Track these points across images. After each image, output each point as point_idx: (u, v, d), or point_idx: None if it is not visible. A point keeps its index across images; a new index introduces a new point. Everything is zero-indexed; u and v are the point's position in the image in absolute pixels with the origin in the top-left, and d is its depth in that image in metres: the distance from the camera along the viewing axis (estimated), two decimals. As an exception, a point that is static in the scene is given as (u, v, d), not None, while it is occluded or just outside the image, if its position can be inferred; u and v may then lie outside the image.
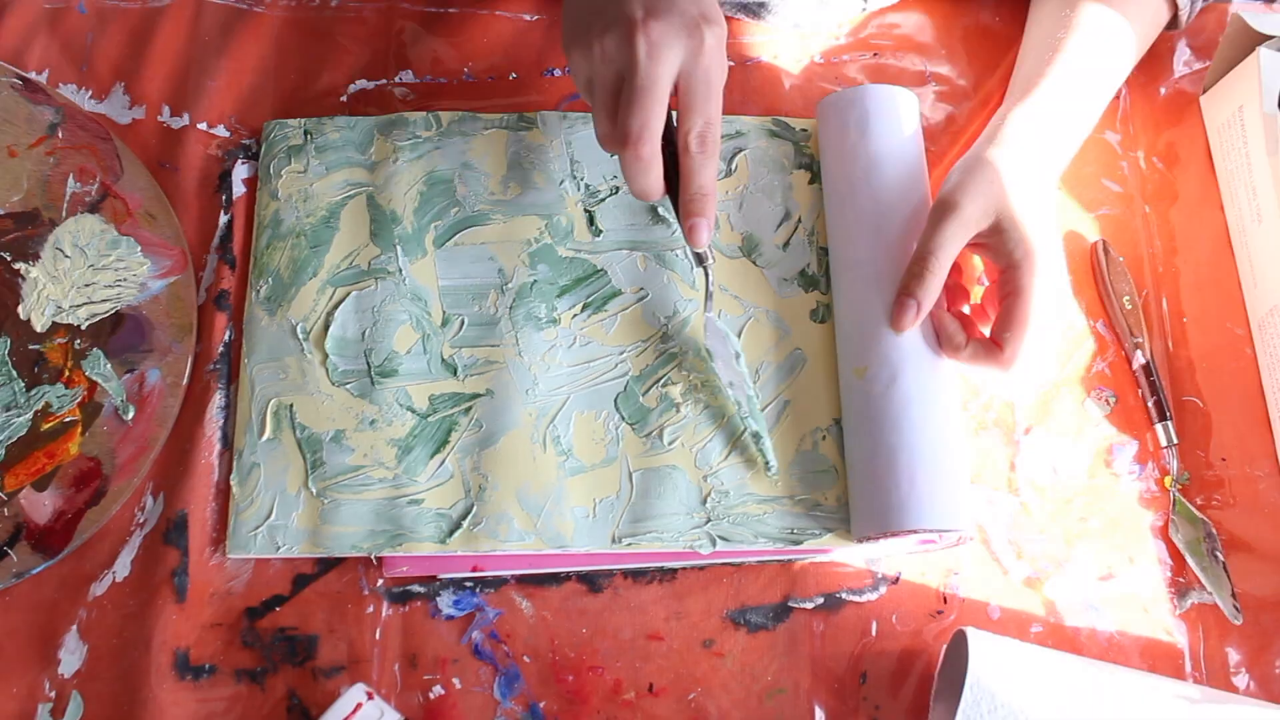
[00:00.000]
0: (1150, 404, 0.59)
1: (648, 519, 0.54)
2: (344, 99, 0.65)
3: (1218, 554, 0.56)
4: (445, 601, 0.54)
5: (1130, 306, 0.60)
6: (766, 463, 0.55)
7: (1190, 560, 0.56)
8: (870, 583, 0.56)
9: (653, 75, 0.48)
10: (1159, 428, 0.58)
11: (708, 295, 0.56)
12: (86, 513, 0.55)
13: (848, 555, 0.55)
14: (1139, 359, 0.59)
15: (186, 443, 0.56)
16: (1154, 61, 0.66)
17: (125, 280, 0.59)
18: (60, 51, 0.65)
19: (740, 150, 0.63)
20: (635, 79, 0.48)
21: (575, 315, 0.58)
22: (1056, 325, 0.59)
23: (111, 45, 0.66)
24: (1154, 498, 0.58)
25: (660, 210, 0.60)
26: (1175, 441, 0.58)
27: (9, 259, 0.59)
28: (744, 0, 0.65)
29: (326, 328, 0.58)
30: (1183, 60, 0.67)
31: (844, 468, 0.55)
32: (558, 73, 0.66)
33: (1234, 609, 0.55)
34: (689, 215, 0.52)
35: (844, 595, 0.55)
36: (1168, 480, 0.58)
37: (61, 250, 0.59)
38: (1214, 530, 0.56)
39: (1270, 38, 0.60)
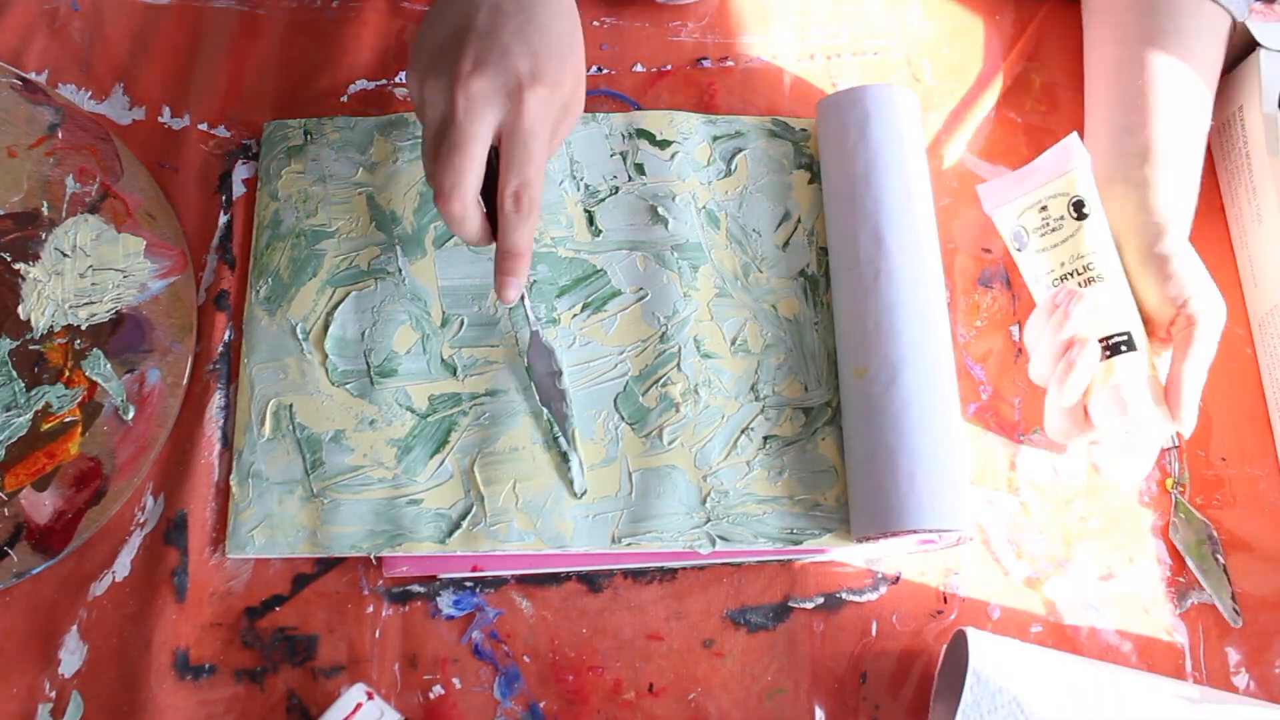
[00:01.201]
0: None
1: (647, 519, 0.54)
2: (344, 99, 0.65)
3: (1218, 556, 0.56)
4: (445, 601, 0.54)
5: None
6: (572, 483, 0.55)
7: (1190, 562, 0.56)
8: (870, 583, 0.56)
9: (467, 133, 0.48)
10: None
11: (531, 315, 0.56)
12: (86, 513, 0.55)
13: (848, 555, 0.55)
14: None
15: (186, 443, 0.56)
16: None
17: (125, 280, 0.59)
18: (60, 51, 0.65)
19: (740, 150, 0.63)
20: (450, 133, 0.48)
21: (575, 315, 0.58)
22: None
23: (112, 46, 0.66)
24: (1154, 498, 0.58)
25: (660, 210, 0.60)
26: (1178, 443, 0.58)
27: (9, 259, 0.59)
28: None
29: (326, 328, 0.58)
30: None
31: (844, 468, 0.55)
32: (558, 73, 0.66)
33: (1233, 612, 0.55)
34: (499, 272, 0.52)
35: (844, 595, 0.55)
36: (1169, 482, 0.58)
37: (61, 250, 0.59)
38: (1215, 533, 0.56)
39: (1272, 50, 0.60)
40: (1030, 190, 0.57)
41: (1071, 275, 0.55)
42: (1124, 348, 0.53)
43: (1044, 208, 0.56)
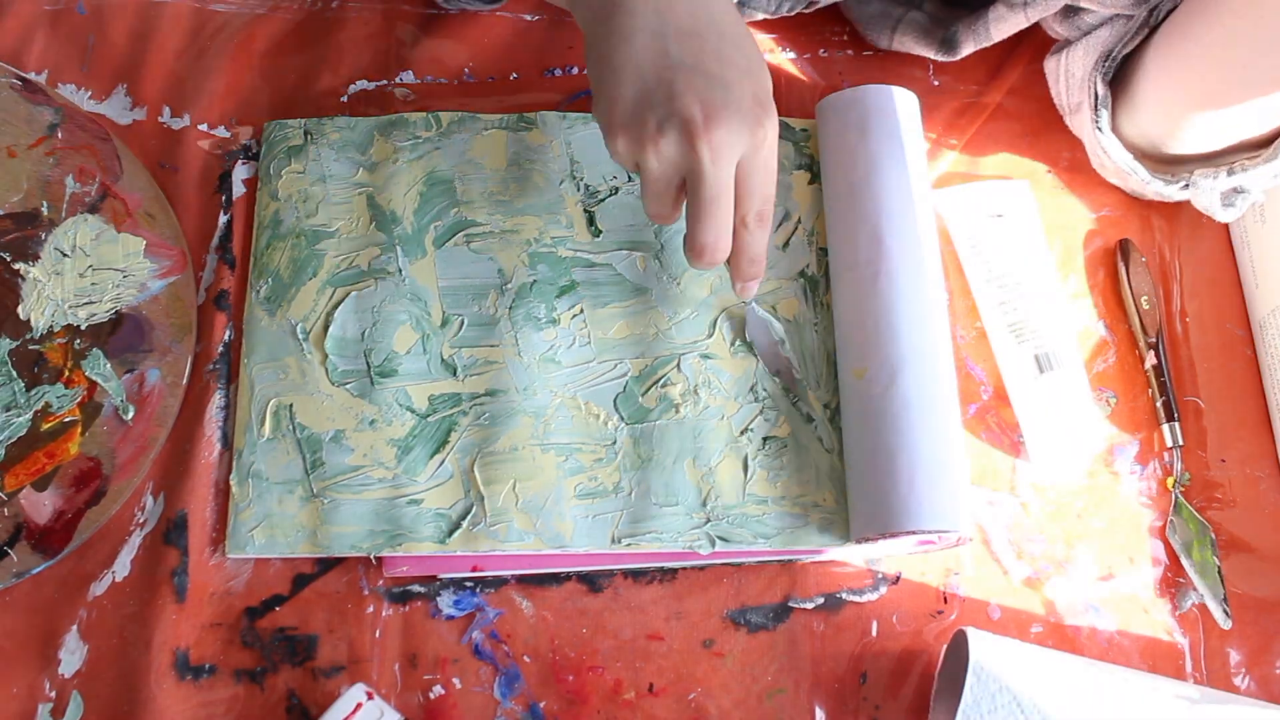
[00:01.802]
0: (1159, 404, 0.59)
1: (647, 519, 0.54)
2: (344, 99, 0.65)
3: (1214, 557, 0.56)
4: (445, 601, 0.54)
5: (1148, 307, 0.60)
6: (821, 440, 0.55)
7: (1185, 562, 0.56)
8: (870, 583, 0.56)
9: (721, 184, 0.47)
10: (1166, 428, 0.58)
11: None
12: (86, 513, 0.55)
13: (847, 555, 0.55)
14: (1150, 359, 0.59)
15: (186, 443, 0.56)
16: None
17: (125, 280, 0.59)
18: (60, 52, 0.65)
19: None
20: (702, 189, 0.46)
21: (575, 315, 0.58)
22: None
23: (112, 46, 0.66)
24: (1154, 498, 0.58)
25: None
26: (1181, 443, 0.58)
27: (9, 259, 0.59)
28: None
29: (326, 328, 0.58)
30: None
31: (843, 468, 0.55)
32: (558, 73, 0.66)
33: (1224, 614, 0.55)
34: (743, 278, 0.52)
35: (844, 595, 0.55)
36: (1170, 481, 0.58)
37: (61, 250, 0.59)
38: (1213, 534, 0.56)
39: None
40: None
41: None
42: None
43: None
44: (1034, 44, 0.67)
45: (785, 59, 0.67)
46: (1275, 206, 0.59)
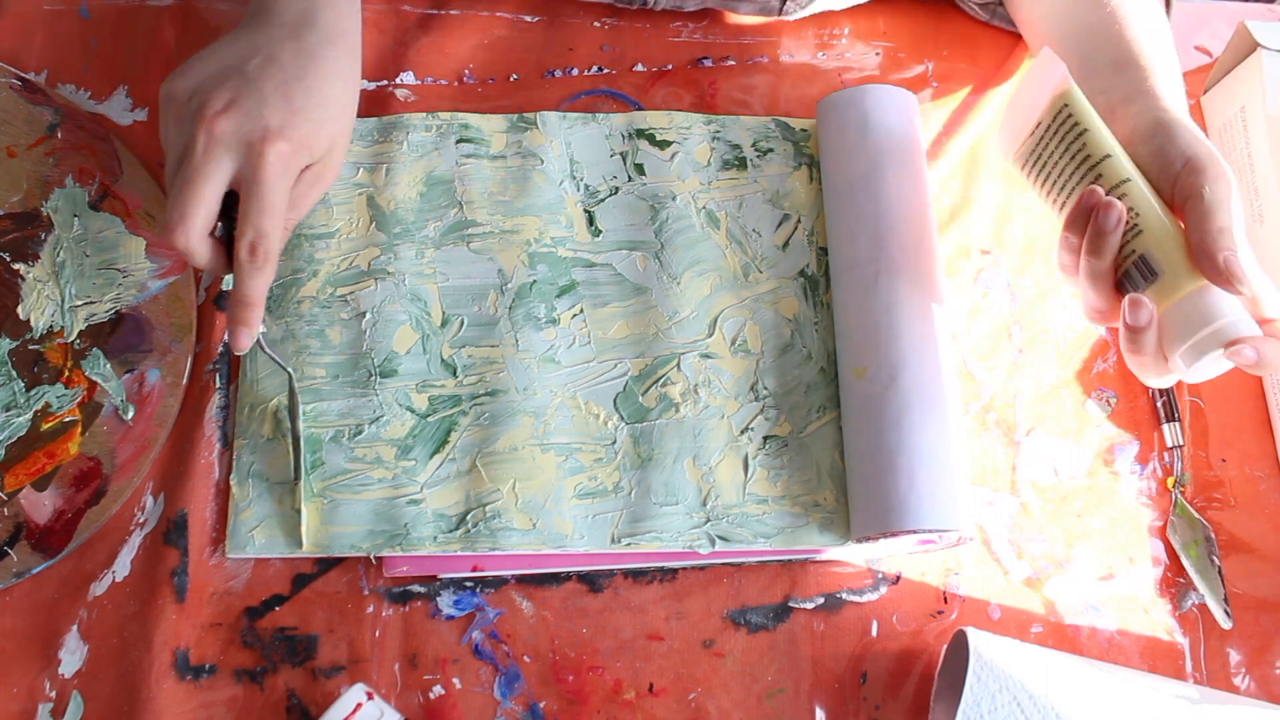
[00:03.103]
0: (1159, 404, 0.59)
1: (647, 519, 0.54)
2: (344, 99, 0.65)
3: (1214, 557, 0.56)
4: (445, 601, 0.54)
5: None
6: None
7: (1185, 562, 0.56)
8: (870, 583, 0.56)
9: (202, 171, 0.48)
10: (1166, 428, 0.58)
11: (279, 359, 0.56)
12: (86, 513, 0.55)
13: (847, 555, 0.55)
14: None
15: (186, 443, 0.56)
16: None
17: (125, 280, 0.59)
18: (60, 51, 0.65)
19: (740, 150, 0.63)
20: (186, 168, 0.49)
21: (575, 315, 0.58)
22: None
23: (113, 47, 0.66)
24: (1154, 498, 0.58)
25: (660, 210, 0.60)
26: (1182, 443, 0.58)
27: (9, 259, 0.59)
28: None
29: (327, 328, 0.58)
30: (1183, 61, 0.67)
31: (843, 468, 0.55)
32: (558, 73, 0.66)
33: (1225, 613, 0.55)
34: (230, 320, 0.52)
35: (844, 595, 0.55)
36: (1170, 481, 0.58)
37: (61, 250, 0.59)
38: (1212, 534, 0.56)
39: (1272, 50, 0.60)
40: (1035, 116, 0.53)
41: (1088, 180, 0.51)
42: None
43: (1045, 128, 0.53)
44: (1034, 44, 0.67)
45: (786, 59, 0.67)
46: (1275, 206, 0.59)
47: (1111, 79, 0.54)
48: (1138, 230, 0.47)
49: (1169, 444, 0.58)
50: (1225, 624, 0.55)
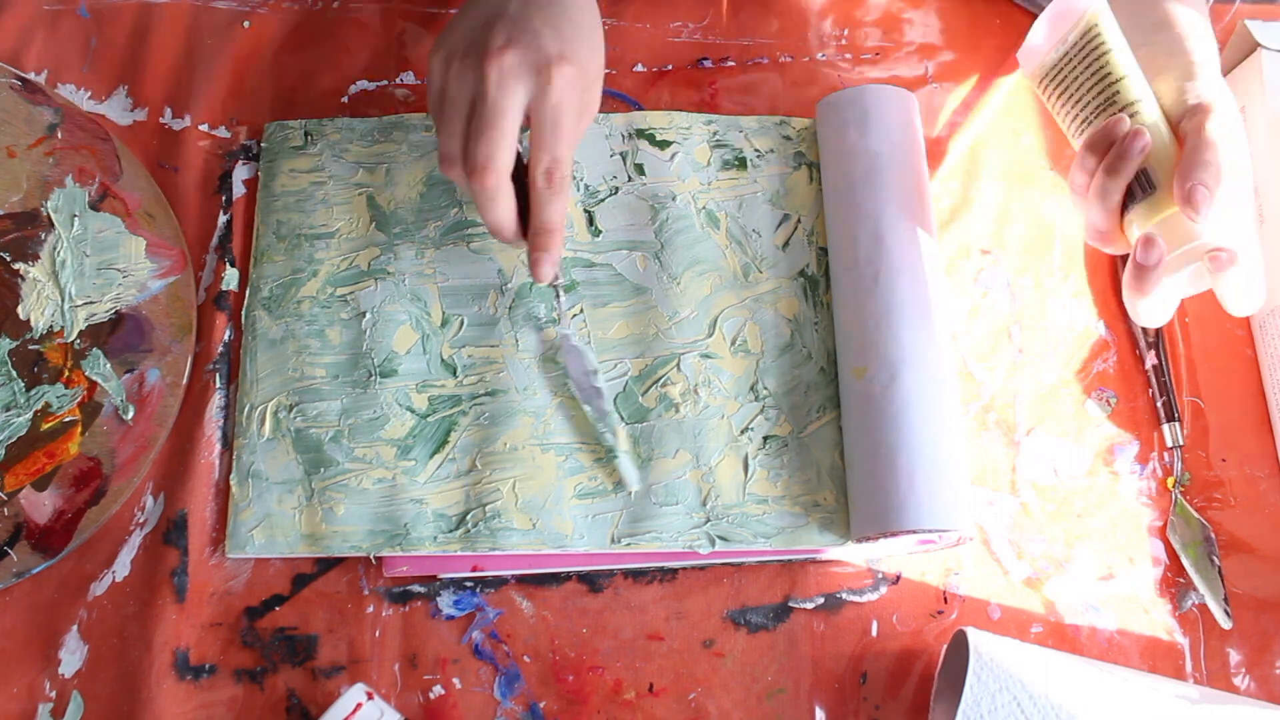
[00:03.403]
0: (1160, 404, 0.59)
1: (647, 519, 0.54)
2: (345, 100, 0.65)
3: (1213, 558, 0.56)
4: (445, 601, 0.54)
5: None
6: (621, 481, 0.54)
7: (1185, 562, 0.56)
8: (870, 583, 0.56)
9: (500, 106, 0.49)
10: (1166, 428, 0.58)
11: (559, 317, 0.56)
12: (86, 512, 0.55)
13: (847, 555, 0.55)
14: (1151, 359, 0.59)
15: (186, 443, 0.56)
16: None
17: (125, 280, 0.59)
18: (60, 51, 0.65)
19: (740, 150, 0.63)
20: (483, 108, 0.49)
21: (575, 315, 0.58)
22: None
23: (113, 47, 0.66)
24: (1154, 498, 0.58)
25: (660, 210, 0.60)
26: (1181, 443, 0.58)
27: (9, 259, 0.59)
28: None
29: (327, 327, 0.58)
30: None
31: (843, 468, 0.55)
32: (558, 73, 0.66)
33: (1225, 614, 0.55)
34: (533, 249, 0.52)
35: (844, 595, 0.55)
36: (1170, 481, 0.58)
37: (61, 250, 0.59)
38: (1212, 534, 0.56)
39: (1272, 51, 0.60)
40: (1062, 32, 0.56)
41: (1107, 107, 0.54)
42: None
43: (1072, 44, 0.55)
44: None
45: (785, 59, 0.67)
46: (1275, 206, 0.59)
47: (1150, 36, 0.56)
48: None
49: (1169, 444, 0.58)
50: (1225, 624, 0.55)
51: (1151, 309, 0.52)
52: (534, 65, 0.49)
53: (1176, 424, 0.58)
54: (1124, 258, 0.60)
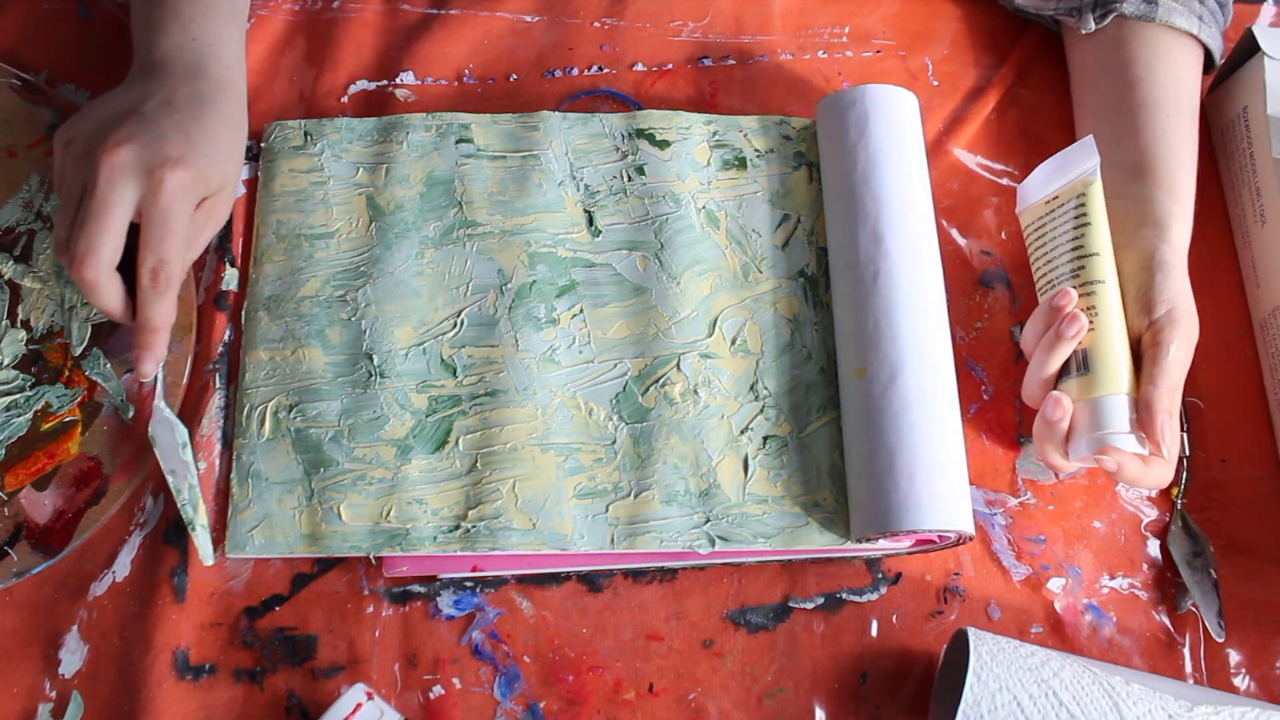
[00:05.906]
0: None
1: (647, 519, 0.54)
2: (344, 100, 0.65)
3: (1212, 571, 0.56)
4: (445, 601, 0.54)
5: None
6: (199, 551, 0.54)
7: (1184, 572, 0.56)
8: (870, 583, 0.55)
9: (106, 201, 0.49)
10: None
11: (160, 383, 0.56)
12: (86, 512, 0.55)
13: (847, 555, 0.55)
14: None
15: (186, 443, 0.56)
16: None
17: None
18: (60, 52, 0.65)
19: (740, 150, 0.63)
20: (91, 200, 0.50)
21: (575, 315, 0.58)
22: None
23: (113, 47, 0.66)
24: (1154, 498, 0.58)
25: (660, 210, 0.60)
26: (1189, 453, 0.58)
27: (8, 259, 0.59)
28: None
29: (327, 328, 0.58)
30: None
31: (843, 468, 0.55)
32: (558, 74, 0.66)
33: (1219, 627, 0.55)
34: (135, 345, 0.53)
35: (844, 595, 0.55)
36: (1174, 491, 0.58)
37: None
38: (1210, 547, 0.56)
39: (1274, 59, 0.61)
40: (1055, 189, 0.56)
41: (1074, 276, 0.54)
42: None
43: (1060, 203, 0.56)
44: (1032, 43, 0.67)
45: (785, 59, 0.67)
46: (1275, 206, 0.59)
47: (1127, 186, 0.57)
48: (1091, 329, 0.52)
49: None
50: (1219, 637, 0.55)
51: (1054, 451, 0.53)
52: (147, 165, 0.50)
53: (1184, 434, 0.58)
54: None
